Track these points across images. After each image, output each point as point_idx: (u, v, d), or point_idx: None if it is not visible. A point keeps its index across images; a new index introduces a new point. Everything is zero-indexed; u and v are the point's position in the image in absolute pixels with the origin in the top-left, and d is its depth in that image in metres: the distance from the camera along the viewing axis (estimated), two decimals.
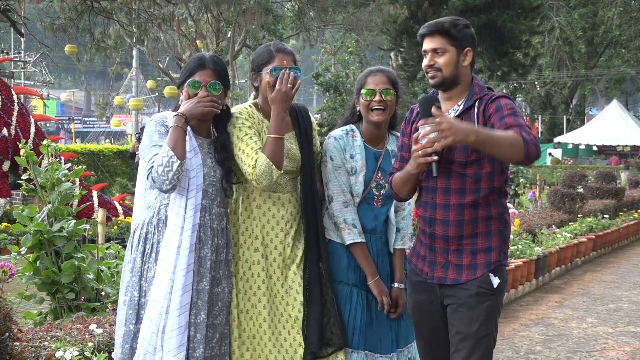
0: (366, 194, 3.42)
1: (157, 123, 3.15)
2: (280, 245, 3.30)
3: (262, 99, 3.32)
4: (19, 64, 35.29)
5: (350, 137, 3.44)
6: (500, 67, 29.63)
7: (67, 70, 57.58)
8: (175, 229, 3.05)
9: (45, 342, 3.52)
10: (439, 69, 3.04)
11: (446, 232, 3.06)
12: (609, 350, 6.01)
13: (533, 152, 2.83)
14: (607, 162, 35.24)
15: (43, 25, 20.52)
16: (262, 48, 3.34)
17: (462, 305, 3.04)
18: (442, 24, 3.05)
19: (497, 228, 3.07)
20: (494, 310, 3.06)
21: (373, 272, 3.37)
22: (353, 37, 35.94)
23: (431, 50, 3.05)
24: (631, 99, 52.52)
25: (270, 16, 23.12)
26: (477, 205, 3.02)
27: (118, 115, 43.93)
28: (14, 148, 8.42)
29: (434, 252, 3.12)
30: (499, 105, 2.97)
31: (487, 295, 3.03)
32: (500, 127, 2.90)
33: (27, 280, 4.57)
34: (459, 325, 3.05)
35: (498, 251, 3.07)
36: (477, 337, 3.02)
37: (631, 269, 10.43)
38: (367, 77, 3.45)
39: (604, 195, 13.68)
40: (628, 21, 39.55)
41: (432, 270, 3.13)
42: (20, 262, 4.73)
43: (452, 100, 3.10)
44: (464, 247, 3.06)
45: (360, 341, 3.34)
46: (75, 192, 4.86)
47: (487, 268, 3.04)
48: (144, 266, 3.09)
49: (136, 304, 3.07)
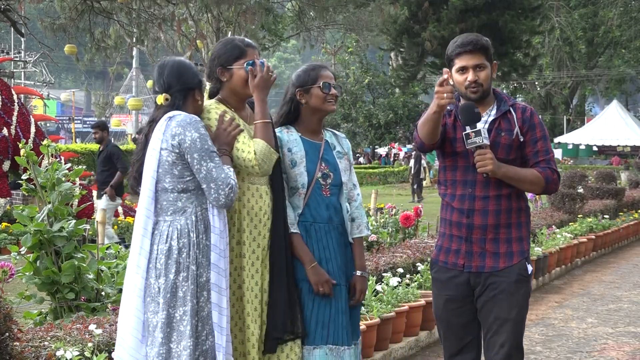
0: (314, 184, 3.47)
1: (203, 126, 3.11)
2: (259, 237, 3.34)
3: (229, 93, 3.37)
4: (19, 63, 35.31)
5: (285, 133, 3.52)
6: (501, 67, 29.62)
7: (67, 70, 57.60)
8: (221, 233, 3.06)
9: (45, 342, 3.52)
10: (481, 84, 3.30)
11: (485, 222, 3.29)
12: (609, 350, 6.01)
13: (552, 190, 3.36)
14: (607, 162, 35.22)
15: (43, 25, 20.53)
16: (227, 44, 3.38)
17: (502, 292, 3.27)
18: (482, 42, 3.31)
19: (525, 220, 3.38)
20: (528, 295, 3.35)
21: (310, 260, 3.39)
22: (353, 37, 35.97)
23: (473, 66, 3.28)
24: (631, 99, 52.52)
25: (271, 16, 23.13)
26: (510, 197, 3.31)
27: (118, 115, 43.97)
28: (14, 148, 8.41)
29: (470, 243, 3.32)
30: (533, 124, 3.34)
31: (524, 281, 3.30)
32: (531, 149, 3.32)
33: (27, 280, 4.57)
34: (499, 311, 3.27)
35: (528, 241, 3.37)
36: (515, 322, 3.27)
37: (631, 269, 10.42)
38: (321, 71, 3.55)
39: (604, 195, 13.69)
40: (628, 21, 39.57)
41: (469, 260, 3.33)
42: (20, 262, 4.73)
43: (482, 107, 3.35)
44: (500, 235, 3.30)
45: (323, 336, 3.36)
46: (75, 192, 4.85)
47: (523, 256, 3.31)
48: (197, 271, 3.02)
49: (196, 312, 2.99)
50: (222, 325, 3.00)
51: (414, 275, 6.23)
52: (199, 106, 3.24)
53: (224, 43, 3.40)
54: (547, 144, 3.35)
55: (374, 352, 5.23)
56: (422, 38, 30.18)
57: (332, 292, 3.37)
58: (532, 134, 3.33)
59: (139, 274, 3.01)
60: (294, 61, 74.51)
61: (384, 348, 5.40)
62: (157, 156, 3.03)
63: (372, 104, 38.33)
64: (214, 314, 3.00)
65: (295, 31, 28.73)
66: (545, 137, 3.35)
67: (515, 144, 3.31)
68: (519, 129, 3.31)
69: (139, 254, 3.03)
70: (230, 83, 3.35)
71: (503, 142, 3.31)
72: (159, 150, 3.03)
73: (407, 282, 5.95)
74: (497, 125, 3.33)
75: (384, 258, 6.35)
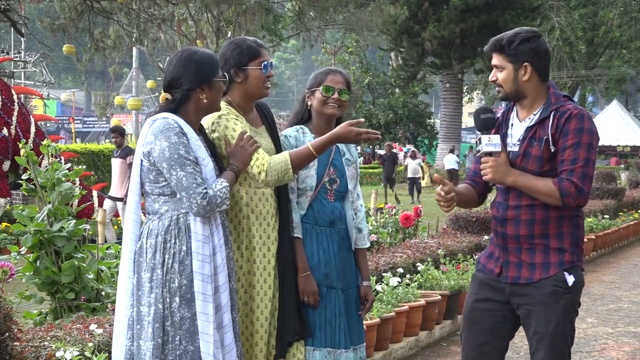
0: (320, 188, 3.46)
1: (177, 133, 2.97)
2: (268, 240, 3.32)
3: (242, 94, 3.34)
4: (19, 64, 35.29)
5: (301, 133, 3.51)
6: None
7: (67, 70, 57.60)
8: (204, 239, 2.96)
9: (45, 342, 3.52)
10: (500, 85, 3.19)
11: (517, 232, 3.15)
12: (609, 350, 6.01)
13: (570, 204, 3.05)
14: (606, 163, 35.23)
15: (43, 25, 20.50)
16: (240, 44, 3.33)
17: (538, 305, 3.11)
18: (498, 42, 3.17)
19: (569, 230, 3.15)
20: (569, 309, 3.12)
21: (304, 268, 3.37)
22: (353, 37, 35.97)
23: (494, 66, 3.21)
24: (631, 99, 52.55)
25: (271, 16, 23.14)
26: (547, 206, 3.10)
27: (118, 115, 43.93)
28: (14, 148, 8.42)
29: (506, 252, 3.20)
30: (567, 130, 3.07)
31: (562, 293, 3.10)
32: (559, 159, 3.07)
33: (27, 280, 4.57)
34: (536, 324, 3.12)
35: (571, 252, 3.14)
36: (553, 336, 3.10)
37: (631, 269, 10.43)
38: (327, 75, 3.53)
39: (604, 195, 13.69)
40: (628, 21, 39.56)
41: (505, 269, 3.20)
42: (20, 262, 4.73)
43: (527, 110, 3.20)
44: (537, 246, 3.14)
45: (322, 339, 3.36)
46: (76, 192, 4.85)
47: (561, 267, 3.11)
48: (166, 277, 2.94)
49: (161, 316, 2.94)
50: (208, 333, 2.92)
51: (414, 275, 6.23)
52: (204, 104, 3.09)
53: (237, 44, 3.35)
54: (577, 152, 3.04)
55: (374, 352, 5.23)
56: (422, 38, 30.19)
57: (318, 302, 3.36)
58: (563, 142, 3.07)
59: (123, 273, 3.07)
60: (294, 61, 74.53)
61: (384, 348, 5.40)
62: (139, 161, 3.03)
63: (372, 104, 38.33)
64: (199, 321, 2.93)
65: (295, 31, 28.72)
66: (577, 145, 3.04)
67: (545, 155, 3.10)
68: (551, 136, 3.09)
69: (125, 255, 3.09)
70: (245, 84, 3.31)
71: (534, 153, 3.12)
72: (140, 155, 3.02)
73: (407, 282, 5.96)
74: (533, 133, 3.14)
75: (384, 258, 6.35)
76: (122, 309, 3.05)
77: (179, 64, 3.07)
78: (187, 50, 3.14)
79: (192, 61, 3.06)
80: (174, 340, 2.94)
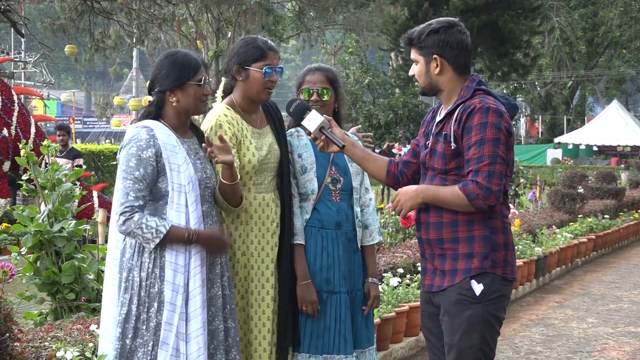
0: (323, 189, 3.39)
1: (139, 145, 2.90)
2: (267, 246, 3.29)
3: (242, 94, 3.28)
4: (19, 64, 35.28)
5: (295, 137, 3.45)
6: (501, 67, 29.64)
7: (67, 70, 57.58)
8: (178, 249, 2.92)
9: (45, 343, 3.52)
10: (417, 79, 3.03)
11: (428, 236, 2.98)
12: (609, 350, 6.01)
13: (482, 206, 2.81)
14: (607, 163, 35.23)
15: (43, 25, 20.50)
16: (249, 43, 3.26)
17: (445, 314, 2.92)
18: (410, 35, 3.02)
19: (482, 234, 2.88)
20: (477, 321, 2.85)
21: (303, 276, 3.31)
22: (353, 38, 35.95)
23: (412, 60, 3.05)
24: (631, 99, 52.51)
25: (271, 16, 23.12)
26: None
27: (118, 115, 43.94)
28: (14, 148, 8.41)
29: (424, 259, 3.06)
30: (470, 126, 2.84)
31: (468, 303, 2.86)
32: (465, 158, 2.84)
33: (28, 280, 4.57)
34: (445, 335, 2.94)
35: (481, 258, 2.87)
36: (459, 349, 2.87)
37: (631, 269, 10.42)
38: (306, 76, 3.46)
39: (604, 195, 13.67)
40: (628, 21, 39.55)
41: (424, 277, 3.06)
42: (21, 263, 4.73)
43: (445, 105, 3.03)
44: (447, 251, 2.93)
45: (318, 346, 3.31)
46: (76, 193, 4.85)
47: (467, 274, 2.86)
48: (147, 281, 2.92)
49: (135, 318, 2.92)
50: (167, 342, 2.88)
51: (414, 275, 6.23)
52: (181, 107, 3.01)
53: (247, 41, 3.29)
54: (481, 150, 2.79)
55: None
56: None
57: (317, 312, 3.31)
58: (467, 139, 2.84)
59: (109, 273, 3.12)
60: (294, 61, 74.48)
61: (384, 348, 5.41)
62: None
63: (372, 104, 38.31)
64: (162, 331, 2.89)
65: (295, 31, 28.70)
66: (481, 142, 2.80)
67: (447, 152, 2.89)
68: (453, 132, 2.87)
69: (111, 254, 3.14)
70: (245, 83, 3.26)
71: (439, 151, 2.92)
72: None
73: (407, 282, 5.96)
74: (440, 129, 2.96)
75: (384, 258, 6.34)
76: (108, 305, 3.08)
77: (157, 65, 3.05)
78: (167, 52, 3.12)
79: (165, 64, 3.01)
80: (147, 345, 2.90)
